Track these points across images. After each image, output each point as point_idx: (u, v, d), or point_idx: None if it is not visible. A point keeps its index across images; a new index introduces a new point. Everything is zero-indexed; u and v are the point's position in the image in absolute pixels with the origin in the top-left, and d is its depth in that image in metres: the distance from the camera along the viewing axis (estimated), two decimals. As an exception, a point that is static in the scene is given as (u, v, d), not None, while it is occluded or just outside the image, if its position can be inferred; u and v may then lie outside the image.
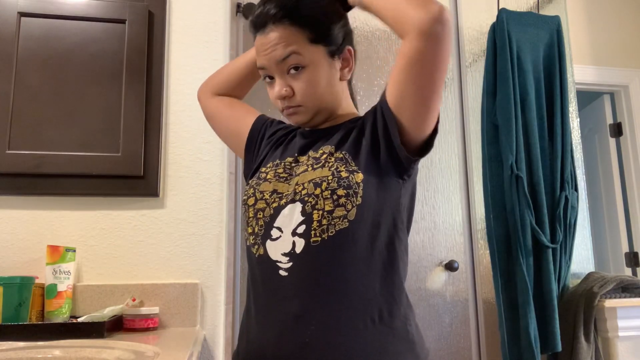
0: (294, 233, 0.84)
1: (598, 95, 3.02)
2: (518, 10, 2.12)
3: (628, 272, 2.79)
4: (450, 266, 2.01)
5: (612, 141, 2.96)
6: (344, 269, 0.82)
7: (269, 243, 0.87)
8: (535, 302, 1.84)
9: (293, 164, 0.94)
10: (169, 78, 1.69)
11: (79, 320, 1.32)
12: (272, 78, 0.94)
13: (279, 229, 0.86)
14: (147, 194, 1.59)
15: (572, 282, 1.98)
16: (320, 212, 0.83)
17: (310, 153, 0.94)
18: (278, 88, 0.92)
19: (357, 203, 0.84)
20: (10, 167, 1.52)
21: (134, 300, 1.49)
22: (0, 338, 1.12)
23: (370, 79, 2.08)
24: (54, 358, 0.97)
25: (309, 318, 0.81)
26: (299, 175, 0.90)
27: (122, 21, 1.65)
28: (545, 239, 1.87)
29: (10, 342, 1.07)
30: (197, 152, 1.65)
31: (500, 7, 2.07)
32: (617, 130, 2.95)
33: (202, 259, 1.60)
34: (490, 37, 2.06)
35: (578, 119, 2.24)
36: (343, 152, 0.89)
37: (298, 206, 0.85)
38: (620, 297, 1.90)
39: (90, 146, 1.57)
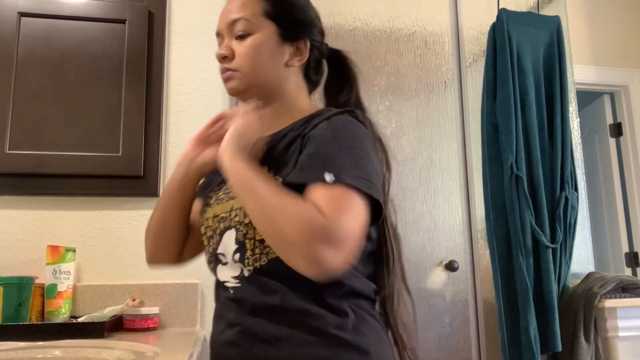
0: (233, 260, 0.84)
1: (598, 95, 3.02)
2: (518, 10, 2.12)
3: (628, 272, 2.79)
4: (450, 266, 2.01)
5: (612, 141, 2.96)
6: (282, 293, 0.79)
7: (219, 268, 0.88)
8: (535, 302, 1.84)
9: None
10: (169, 78, 1.69)
11: (79, 320, 1.32)
12: None
13: (223, 255, 0.86)
14: (147, 194, 1.59)
15: (572, 282, 1.98)
16: (252, 241, 0.81)
17: None
18: (220, 48, 0.92)
19: None
20: (10, 167, 1.52)
21: (134, 300, 1.49)
22: (0, 338, 1.12)
23: (370, 79, 2.08)
24: (54, 358, 0.97)
25: (256, 331, 0.80)
26: (234, 199, 0.86)
27: (122, 21, 1.65)
28: (545, 239, 1.87)
29: (10, 342, 1.07)
30: (197, 152, 1.65)
31: (500, 7, 2.07)
32: (617, 130, 2.95)
33: (202, 259, 1.60)
34: (490, 37, 2.06)
35: (578, 119, 2.24)
36: (277, 177, 0.83)
37: (233, 233, 0.84)
38: (620, 297, 1.90)
39: (90, 146, 1.57)
